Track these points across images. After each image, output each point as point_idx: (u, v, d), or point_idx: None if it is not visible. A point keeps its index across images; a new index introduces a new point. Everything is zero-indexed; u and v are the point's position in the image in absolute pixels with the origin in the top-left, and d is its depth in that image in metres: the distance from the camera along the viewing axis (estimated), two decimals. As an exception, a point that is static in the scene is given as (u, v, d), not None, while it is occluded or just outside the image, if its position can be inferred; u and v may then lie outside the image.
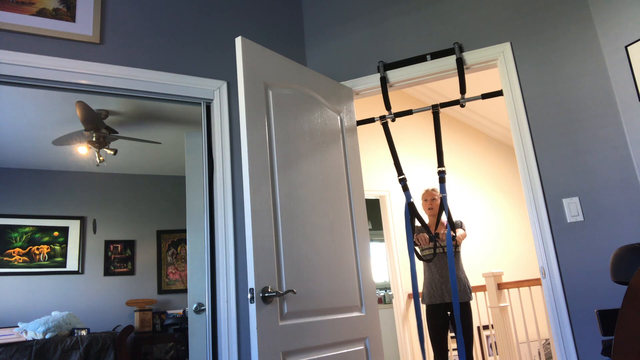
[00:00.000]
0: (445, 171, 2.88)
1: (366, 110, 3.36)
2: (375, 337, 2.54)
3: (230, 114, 2.76)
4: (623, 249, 1.53)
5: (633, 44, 2.38)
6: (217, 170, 2.66)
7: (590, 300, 2.30)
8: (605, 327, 1.56)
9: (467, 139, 6.05)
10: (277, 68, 2.44)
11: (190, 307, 2.85)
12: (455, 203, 5.44)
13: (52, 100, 4.12)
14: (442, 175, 2.87)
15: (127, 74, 2.55)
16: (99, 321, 5.46)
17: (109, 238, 5.99)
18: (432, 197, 3.71)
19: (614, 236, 2.32)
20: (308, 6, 3.26)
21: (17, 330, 4.59)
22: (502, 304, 4.03)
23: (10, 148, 5.10)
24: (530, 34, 2.67)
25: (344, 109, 2.84)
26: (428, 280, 3.62)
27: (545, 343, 5.17)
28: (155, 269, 6.16)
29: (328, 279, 2.36)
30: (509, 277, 4.73)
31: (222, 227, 2.57)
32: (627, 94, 2.39)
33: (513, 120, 2.63)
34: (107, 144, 4.50)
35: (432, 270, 3.60)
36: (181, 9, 2.84)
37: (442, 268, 3.56)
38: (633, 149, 2.36)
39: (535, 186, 2.50)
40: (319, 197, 2.45)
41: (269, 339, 1.96)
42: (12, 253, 5.48)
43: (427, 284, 3.63)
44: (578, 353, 2.28)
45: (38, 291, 5.45)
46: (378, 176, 5.05)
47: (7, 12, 2.36)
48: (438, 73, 2.83)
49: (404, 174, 2.96)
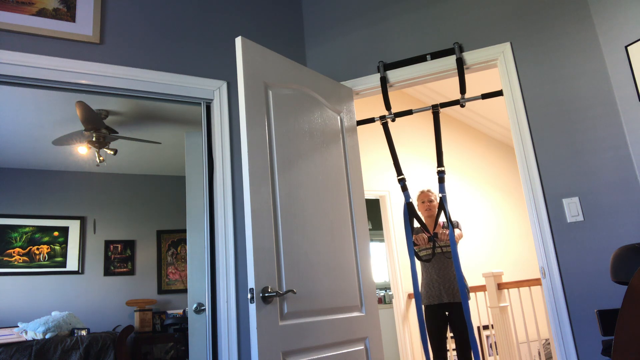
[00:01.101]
0: (444, 171, 2.88)
1: (366, 110, 3.36)
2: (375, 337, 2.54)
3: (230, 114, 2.76)
4: (623, 249, 1.53)
5: (633, 44, 2.38)
6: (217, 170, 2.66)
7: (590, 300, 2.30)
8: (605, 327, 1.56)
9: (467, 139, 6.05)
10: (277, 68, 2.44)
11: (190, 307, 2.85)
12: (455, 203, 5.44)
13: (52, 100, 4.12)
14: (442, 175, 2.86)
15: (127, 74, 2.55)
16: (99, 321, 5.46)
17: (109, 238, 5.99)
18: (429, 199, 3.66)
19: (614, 236, 2.32)
20: (308, 6, 3.26)
21: (17, 330, 4.59)
22: (502, 304, 4.03)
23: (10, 148, 5.09)
24: (530, 34, 2.67)
25: (344, 109, 2.84)
26: (426, 280, 3.61)
27: (545, 343, 5.17)
28: (155, 269, 6.16)
29: (328, 279, 2.35)
30: (509, 277, 4.73)
31: (222, 227, 2.57)
32: (627, 94, 2.39)
33: (513, 120, 2.63)
34: (107, 144, 4.50)
35: (429, 271, 3.59)
36: (181, 9, 2.84)
37: (440, 269, 3.54)
38: (633, 149, 2.36)
39: (535, 186, 2.50)
40: (319, 197, 2.45)
41: (269, 339, 1.96)
42: (12, 253, 5.48)
43: (425, 285, 3.61)
44: (578, 353, 2.28)
45: (38, 291, 5.45)
46: (378, 176, 5.05)
47: (7, 12, 2.36)
48: (438, 73, 2.83)
49: (403, 174, 2.96)
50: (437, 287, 3.51)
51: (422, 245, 3.55)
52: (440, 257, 3.55)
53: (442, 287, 3.50)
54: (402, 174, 2.96)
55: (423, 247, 3.58)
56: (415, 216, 3.01)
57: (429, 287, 3.56)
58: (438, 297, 3.50)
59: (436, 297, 3.51)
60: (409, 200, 2.96)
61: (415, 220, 3.04)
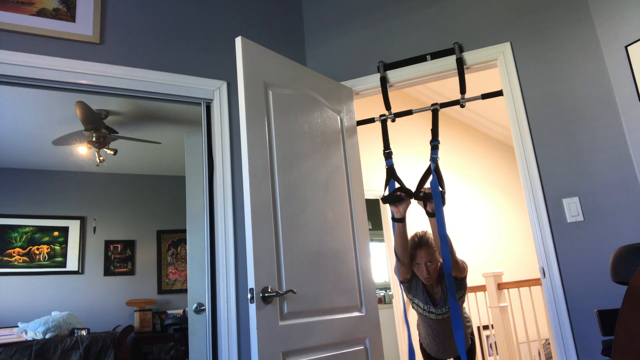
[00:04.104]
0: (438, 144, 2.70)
1: (366, 110, 3.36)
2: (375, 337, 2.54)
3: (230, 114, 2.76)
4: (623, 249, 1.53)
5: (633, 44, 2.38)
6: (217, 170, 2.66)
7: (590, 300, 2.30)
8: (605, 327, 1.56)
9: (467, 139, 6.05)
10: (277, 68, 2.44)
11: (190, 307, 2.85)
12: (456, 203, 5.44)
13: (52, 100, 4.12)
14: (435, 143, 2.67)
15: (127, 74, 2.55)
16: (99, 321, 5.46)
17: (109, 238, 5.99)
18: (429, 259, 2.51)
19: (614, 236, 2.32)
20: (308, 6, 3.26)
21: (17, 330, 4.60)
22: (502, 304, 4.03)
23: (10, 148, 5.10)
24: (530, 34, 2.67)
25: (344, 109, 2.84)
26: (426, 332, 2.78)
27: (545, 343, 5.17)
28: (155, 269, 6.16)
29: (328, 279, 2.35)
30: (509, 277, 4.73)
31: (222, 227, 2.57)
32: (627, 94, 2.39)
33: (513, 120, 2.63)
34: (107, 144, 4.51)
35: (432, 328, 2.72)
36: (181, 9, 2.84)
37: (441, 332, 2.69)
38: (633, 149, 2.36)
39: (535, 186, 2.50)
40: (319, 197, 2.45)
41: (269, 339, 1.96)
42: (12, 253, 5.48)
43: (424, 334, 2.80)
44: (578, 353, 2.28)
45: (38, 291, 5.45)
46: (378, 176, 5.04)
47: (7, 12, 2.36)
48: (438, 73, 2.83)
49: (390, 149, 2.84)
50: (440, 345, 2.74)
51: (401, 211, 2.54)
52: (443, 323, 2.66)
53: (440, 346, 2.74)
54: (390, 148, 2.84)
55: (426, 307, 2.64)
56: (395, 177, 2.71)
57: (431, 341, 2.77)
58: (437, 352, 2.77)
59: (435, 352, 2.78)
60: (390, 164, 2.76)
61: (395, 181, 2.70)
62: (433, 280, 2.55)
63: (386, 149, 2.88)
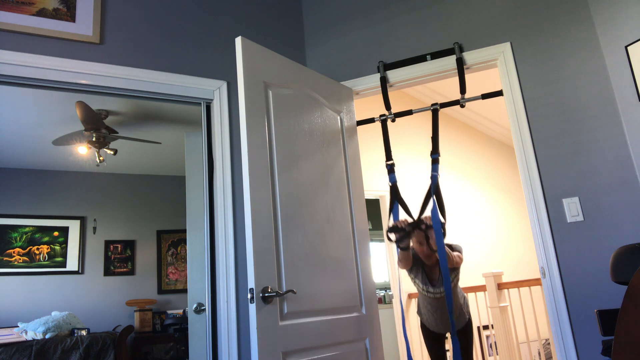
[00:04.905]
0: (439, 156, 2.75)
1: (366, 110, 3.36)
2: (375, 337, 2.54)
3: (230, 114, 2.76)
4: (623, 249, 1.53)
5: (633, 44, 2.38)
6: (217, 170, 2.66)
7: (590, 300, 2.30)
8: (605, 327, 1.56)
9: (467, 139, 6.05)
10: (277, 68, 2.44)
11: (190, 307, 2.85)
12: (456, 203, 5.44)
13: (52, 100, 4.12)
14: (436, 156, 2.74)
15: (127, 74, 2.55)
16: (99, 321, 5.46)
17: (109, 238, 5.99)
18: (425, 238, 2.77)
19: (614, 236, 2.32)
20: (308, 6, 3.26)
21: (17, 330, 4.60)
22: (502, 304, 4.03)
23: (10, 148, 5.10)
24: (530, 34, 2.67)
25: (344, 109, 2.84)
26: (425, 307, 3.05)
27: (545, 343, 5.17)
28: (155, 269, 6.16)
29: (328, 279, 2.35)
30: (509, 277, 4.72)
31: (222, 227, 2.57)
32: (627, 94, 2.39)
33: (513, 120, 2.63)
34: (107, 144, 4.51)
35: (430, 305, 3.00)
36: (181, 9, 2.84)
37: (439, 309, 2.95)
38: (633, 149, 2.36)
39: (535, 186, 2.50)
40: (319, 197, 2.45)
41: (269, 339, 1.96)
42: (12, 253, 5.48)
43: (424, 311, 3.07)
44: (578, 353, 2.28)
45: (38, 291, 5.46)
46: (378, 176, 5.04)
47: (7, 12, 2.36)
48: (438, 73, 2.83)
49: (392, 160, 2.90)
50: (437, 319, 3.00)
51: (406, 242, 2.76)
52: (439, 300, 2.94)
53: (439, 321, 2.99)
54: (392, 159, 2.90)
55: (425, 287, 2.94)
56: (398, 199, 2.78)
57: (429, 316, 3.03)
58: (436, 327, 3.02)
59: (434, 326, 3.03)
60: (394, 181, 2.83)
61: (399, 204, 2.77)
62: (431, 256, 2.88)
63: (388, 159, 2.91)
